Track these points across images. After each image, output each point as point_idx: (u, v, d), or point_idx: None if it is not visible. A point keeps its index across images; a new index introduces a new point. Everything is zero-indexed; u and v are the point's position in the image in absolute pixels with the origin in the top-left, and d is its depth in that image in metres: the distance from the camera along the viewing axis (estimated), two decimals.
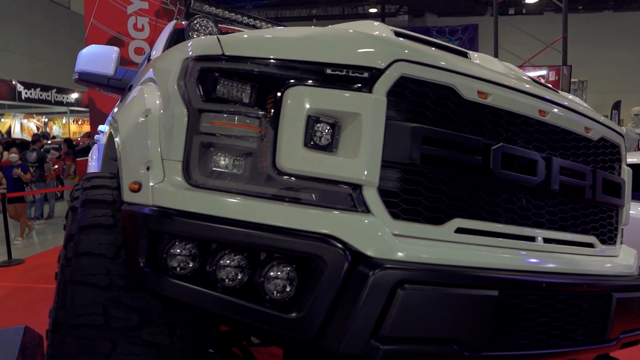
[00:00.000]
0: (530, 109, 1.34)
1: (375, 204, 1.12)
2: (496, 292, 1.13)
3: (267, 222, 1.08)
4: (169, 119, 1.23)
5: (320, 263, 1.04)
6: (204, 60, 1.21)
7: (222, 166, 1.16)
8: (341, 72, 1.14)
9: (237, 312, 1.08)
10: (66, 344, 1.20)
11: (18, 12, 16.33)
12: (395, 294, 1.03)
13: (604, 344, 1.41)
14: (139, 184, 1.20)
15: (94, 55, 2.48)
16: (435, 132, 1.17)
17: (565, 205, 1.44)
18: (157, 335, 1.25)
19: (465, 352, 1.11)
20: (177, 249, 1.11)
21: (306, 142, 1.11)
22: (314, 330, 1.03)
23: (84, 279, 1.24)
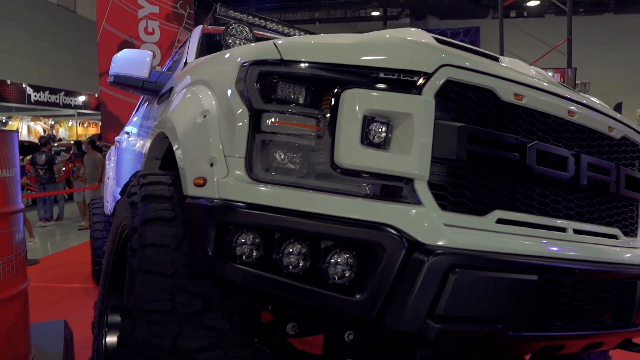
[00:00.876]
0: (560, 109, 1.45)
1: (425, 196, 1.22)
2: (536, 277, 1.24)
3: (328, 212, 1.18)
4: (229, 119, 1.33)
5: (379, 250, 1.14)
6: (263, 65, 1.31)
7: (282, 162, 1.26)
8: (393, 76, 1.25)
9: (302, 295, 1.18)
10: (137, 328, 1.30)
11: (24, 16, 16.45)
12: (448, 277, 1.14)
13: (629, 328, 1.51)
14: (204, 179, 1.31)
15: (128, 59, 2.58)
16: (479, 131, 1.28)
17: (592, 199, 1.55)
18: (218, 320, 1.35)
19: (509, 332, 1.21)
20: (243, 238, 1.22)
21: (362, 140, 1.21)
22: (374, 310, 1.13)
23: (151, 267, 1.34)
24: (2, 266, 1.79)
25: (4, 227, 1.82)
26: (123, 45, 8.09)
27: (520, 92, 1.37)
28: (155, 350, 1.28)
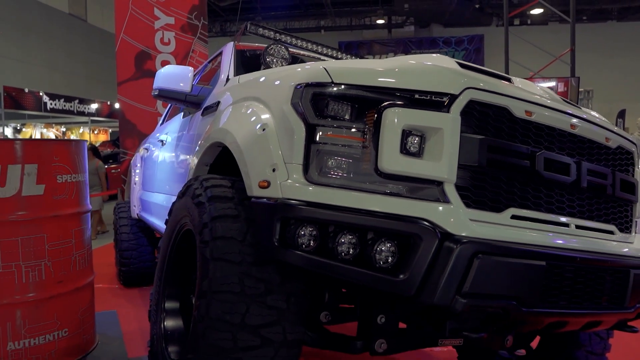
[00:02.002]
0: (563, 123, 1.72)
1: (453, 196, 1.48)
2: (544, 262, 1.50)
3: (374, 209, 1.44)
4: (287, 132, 1.60)
5: (417, 239, 1.40)
6: (316, 87, 1.58)
7: (334, 167, 1.52)
8: (426, 97, 1.52)
9: (353, 276, 1.44)
10: (212, 306, 1.56)
11: (39, 25, 16.90)
12: (473, 262, 1.40)
13: (623, 310, 1.76)
14: (268, 182, 1.57)
15: (171, 75, 2.85)
16: (496, 142, 1.55)
17: (591, 199, 1.81)
18: (278, 301, 1.62)
19: (523, 308, 1.47)
20: (303, 230, 1.48)
21: (401, 150, 1.48)
22: (414, 288, 1.39)
23: (222, 256, 1.61)
24: (78, 258, 2.06)
25: (78, 224, 2.09)
26: (140, 55, 8.41)
27: (530, 109, 1.64)
28: (227, 325, 1.55)
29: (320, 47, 3.35)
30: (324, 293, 2.03)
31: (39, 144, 1.92)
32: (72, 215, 2.03)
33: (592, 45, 23.00)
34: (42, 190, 1.91)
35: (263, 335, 1.58)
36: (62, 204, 1.97)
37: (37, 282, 1.89)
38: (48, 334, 1.92)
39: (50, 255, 1.92)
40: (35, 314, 1.90)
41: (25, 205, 1.88)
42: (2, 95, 11.61)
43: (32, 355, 1.89)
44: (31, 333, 1.88)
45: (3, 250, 1.83)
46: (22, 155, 1.86)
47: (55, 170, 1.95)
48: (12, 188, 1.85)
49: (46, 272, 1.91)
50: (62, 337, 1.97)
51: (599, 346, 2.55)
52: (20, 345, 1.86)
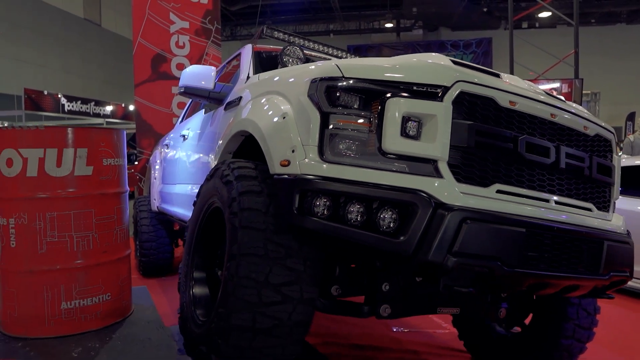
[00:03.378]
0: (544, 113, 1.97)
1: (446, 172, 1.75)
2: (524, 229, 1.75)
3: (379, 182, 1.71)
4: (304, 119, 1.87)
5: (415, 207, 1.66)
6: (329, 80, 1.85)
7: (344, 148, 1.79)
8: (423, 89, 1.79)
9: (360, 238, 1.70)
10: (241, 266, 1.84)
11: (55, 30, 17.39)
12: (462, 226, 1.66)
13: (598, 276, 2.01)
14: (288, 161, 1.85)
15: (196, 74, 3.13)
16: (483, 127, 1.81)
17: (570, 179, 2.06)
18: (296, 263, 1.89)
19: (505, 267, 1.72)
20: (318, 201, 1.75)
21: (401, 133, 1.75)
22: (412, 247, 1.65)
23: (249, 225, 1.88)
24: (119, 232, 2.35)
25: (118, 203, 2.37)
26: (156, 58, 8.75)
27: (514, 99, 1.90)
28: (253, 282, 1.82)
29: (330, 49, 3.63)
30: (335, 267, 2.30)
31: (89, 131, 2.20)
32: (115, 194, 2.31)
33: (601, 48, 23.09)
34: (90, 171, 2.20)
35: (283, 292, 1.85)
36: (107, 183, 2.26)
37: (85, 251, 2.17)
38: (94, 296, 2.20)
39: (96, 228, 2.21)
40: (84, 279, 2.18)
41: (77, 183, 2.16)
42: (23, 97, 12.08)
43: (81, 314, 2.17)
44: (81, 295, 2.17)
45: (58, 222, 2.12)
46: (75, 141, 2.16)
47: (101, 154, 2.24)
48: (66, 169, 2.13)
49: (93, 243, 2.19)
50: (105, 300, 2.25)
51: (587, 320, 2.78)
52: (71, 305, 2.15)
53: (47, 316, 2.12)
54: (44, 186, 2.11)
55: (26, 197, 2.11)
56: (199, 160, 3.36)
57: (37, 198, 2.11)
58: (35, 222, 2.09)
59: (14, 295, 2.15)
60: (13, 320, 2.16)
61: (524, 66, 12.38)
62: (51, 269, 2.11)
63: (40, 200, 2.11)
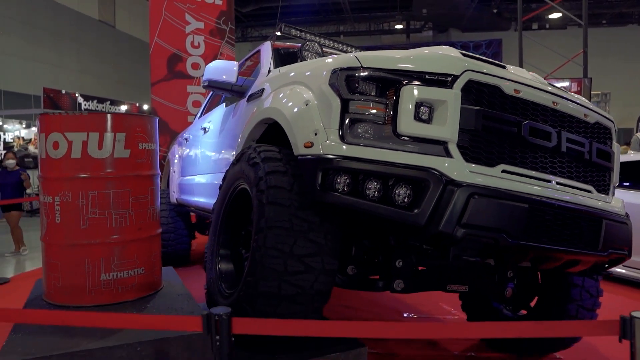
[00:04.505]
0: (546, 100, 2.14)
1: (455, 152, 1.92)
2: (527, 205, 1.92)
3: (395, 161, 1.88)
4: (326, 105, 2.05)
5: (427, 183, 1.84)
6: (348, 70, 2.03)
7: (362, 131, 1.97)
8: (434, 77, 1.96)
9: (378, 212, 1.88)
10: (268, 238, 2.02)
11: (71, 31, 17.76)
12: (470, 200, 1.83)
13: (597, 252, 2.17)
14: (311, 143, 2.03)
15: (219, 68, 3.33)
16: (490, 112, 1.98)
17: (571, 163, 2.22)
18: (318, 237, 2.06)
19: (509, 239, 1.89)
20: (339, 178, 1.92)
21: (415, 117, 1.92)
22: (424, 219, 1.82)
23: (275, 201, 2.06)
24: (151, 212, 2.55)
25: (152, 184, 2.56)
26: (172, 58, 8.99)
27: (518, 88, 2.07)
28: (279, 252, 2.00)
29: (344, 45, 3.82)
30: (351, 248, 2.47)
31: (127, 117, 2.40)
32: (148, 176, 2.51)
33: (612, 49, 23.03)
34: (128, 154, 2.39)
35: (307, 263, 2.03)
36: (142, 166, 2.45)
37: (123, 227, 2.37)
38: (130, 269, 2.40)
39: (132, 206, 2.40)
40: (121, 253, 2.38)
41: (115, 165, 2.36)
42: (42, 97, 12.41)
43: (118, 285, 2.37)
44: (118, 268, 2.36)
45: (99, 200, 2.31)
46: (114, 126, 2.36)
47: (137, 139, 2.43)
48: (107, 151, 2.33)
49: (129, 220, 2.39)
50: (140, 273, 2.44)
51: (590, 302, 2.93)
52: (110, 276, 2.34)
53: (88, 286, 2.31)
54: (87, 167, 2.31)
55: (71, 176, 2.32)
56: (222, 150, 3.55)
57: (80, 178, 2.31)
58: (78, 200, 2.29)
59: (57, 267, 2.35)
60: (57, 290, 2.36)
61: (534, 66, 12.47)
62: (92, 242, 2.31)
63: (83, 180, 2.31)
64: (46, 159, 2.37)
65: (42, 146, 2.39)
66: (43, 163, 2.40)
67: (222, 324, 1.48)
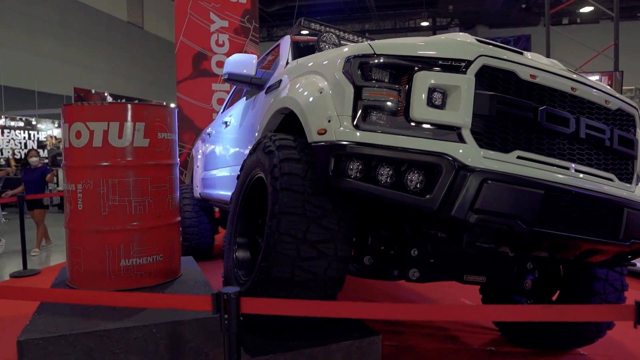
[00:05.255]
0: (564, 86, 2.09)
1: (468, 138, 1.90)
2: (542, 191, 1.88)
3: (408, 146, 1.87)
4: (340, 92, 2.05)
5: (440, 168, 1.82)
6: (362, 57, 2.03)
7: (375, 117, 1.97)
8: (448, 63, 1.94)
9: (390, 197, 1.87)
10: (282, 223, 2.04)
11: (100, 33, 18.24)
12: (483, 186, 1.80)
13: (617, 241, 2.10)
14: (325, 130, 2.04)
15: (239, 61, 3.38)
16: (504, 97, 1.95)
17: (591, 150, 2.17)
18: (330, 223, 2.07)
19: (524, 226, 1.86)
20: (351, 164, 1.93)
21: (427, 103, 1.91)
22: (436, 204, 1.81)
23: (289, 187, 2.08)
24: (170, 200, 2.60)
25: (170, 173, 2.62)
26: (197, 56, 9.13)
27: (534, 73, 2.03)
28: (292, 238, 2.02)
29: (361, 37, 3.81)
30: (367, 237, 2.47)
31: (146, 107, 2.46)
32: (167, 165, 2.57)
33: None
34: (147, 143, 2.45)
35: (319, 249, 2.04)
36: (161, 155, 2.51)
37: (142, 215, 2.43)
38: (149, 256, 2.46)
39: (151, 194, 2.46)
40: (140, 239, 2.44)
41: (135, 154, 2.42)
42: (73, 96, 12.80)
43: (137, 271, 2.43)
44: (138, 254, 2.42)
45: (119, 188, 2.38)
46: (134, 116, 2.42)
47: (156, 129, 2.49)
48: (126, 140, 2.40)
49: (149, 208, 2.45)
50: (158, 260, 2.50)
51: (614, 296, 2.85)
52: (129, 262, 2.41)
53: (109, 272, 2.38)
54: (108, 155, 2.38)
55: (92, 165, 2.39)
56: (241, 143, 3.60)
57: (101, 166, 2.38)
58: (99, 187, 2.36)
59: (80, 253, 2.43)
60: (79, 274, 2.44)
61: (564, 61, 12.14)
62: (112, 229, 2.38)
63: (104, 168, 2.37)
64: (69, 148, 2.45)
65: (65, 136, 2.47)
66: (67, 152, 2.49)
67: (231, 303, 1.50)
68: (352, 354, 2.16)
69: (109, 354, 1.88)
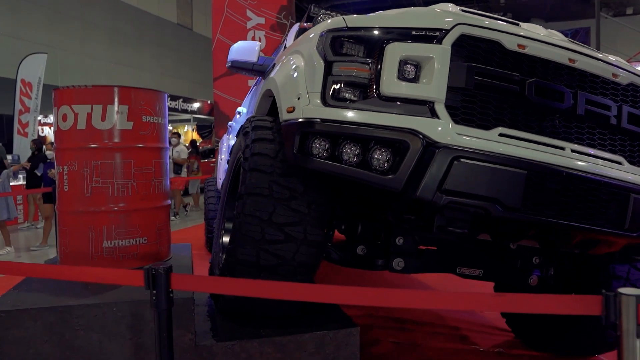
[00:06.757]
0: (560, 57, 1.87)
1: (442, 113, 1.73)
2: (525, 171, 1.69)
3: (374, 122, 1.74)
4: (311, 69, 1.95)
5: (406, 145, 1.68)
6: (334, 31, 1.91)
7: (345, 93, 1.84)
8: (422, 33, 1.79)
9: (355, 176, 1.74)
10: (247, 205, 1.96)
11: (151, 34, 18.93)
12: (453, 164, 1.64)
13: (623, 231, 1.86)
14: (293, 107, 1.94)
15: (242, 48, 3.34)
16: (483, 68, 1.77)
17: (593, 129, 1.93)
18: (300, 206, 1.97)
19: (503, 210, 1.67)
20: (317, 142, 1.81)
21: (398, 76, 1.76)
22: (402, 184, 1.67)
23: (257, 167, 2.00)
24: (157, 183, 2.58)
25: (157, 157, 2.60)
26: None
27: (523, 43, 1.83)
28: (258, 219, 1.93)
29: None
30: (358, 225, 2.35)
31: (130, 90, 2.46)
32: (153, 149, 2.55)
33: None
34: (131, 126, 2.45)
35: (287, 232, 1.94)
36: (146, 138, 2.50)
37: (125, 197, 2.42)
38: (132, 238, 2.45)
39: (135, 177, 2.45)
40: (123, 221, 2.44)
41: (119, 136, 2.42)
42: None
43: (120, 253, 2.42)
44: (120, 236, 2.42)
45: (102, 169, 2.39)
46: (117, 98, 2.42)
47: (141, 112, 2.48)
48: (109, 123, 2.40)
49: (132, 190, 2.44)
50: (142, 243, 2.48)
51: None
52: (112, 244, 2.41)
53: (91, 253, 2.39)
54: (91, 138, 2.40)
55: (77, 147, 2.41)
56: None
57: (85, 148, 2.39)
58: (83, 169, 2.38)
59: (66, 234, 2.46)
60: (66, 255, 2.47)
61: (625, 55, 11.32)
62: (95, 210, 2.39)
63: (87, 150, 2.39)
64: (58, 131, 2.49)
65: (54, 119, 2.50)
66: (55, 135, 2.53)
67: (159, 278, 1.44)
68: (325, 346, 2.05)
69: (69, 330, 1.87)
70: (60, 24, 14.85)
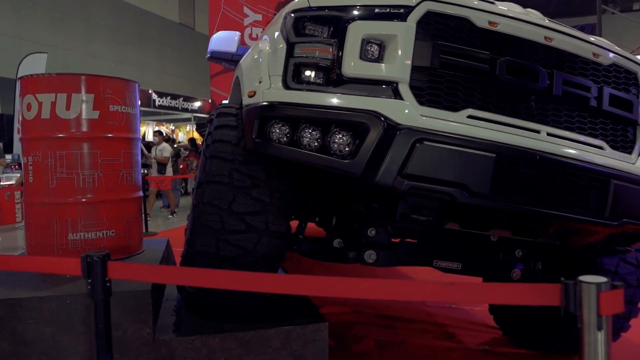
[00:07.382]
0: (535, 35, 1.77)
1: (406, 94, 1.64)
2: (494, 154, 1.59)
3: (335, 105, 1.64)
4: (274, 52, 1.86)
5: (366, 127, 1.58)
6: (297, 12, 1.82)
7: (307, 75, 1.75)
8: (385, 10, 1.69)
9: (314, 161, 1.65)
10: (206, 193, 1.87)
11: (153, 34, 18.93)
12: (415, 147, 1.54)
13: (602, 220, 1.75)
14: (254, 92, 1.85)
15: (221, 39, 3.27)
16: (450, 47, 1.67)
17: (571, 111, 1.82)
18: (262, 194, 1.88)
19: (469, 196, 1.57)
20: (276, 127, 1.72)
21: (361, 56, 1.67)
22: (361, 169, 1.57)
23: (217, 155, 1.91)
24: (125, 175, 2.50)
25: (126, 147, 2.52)
26: None
27: (494, 20, 1.73)
28: (216, 209, 1.85)
29: None
30: (332, 218, 2.26)
31: (95, 78, 2.38)
32: (121, 139, 2.47)
33: None
34: (97, 115, 2.37)
35: (248, 222, 1.85)
36: (113, 128, 2.42)
37: (91, 188, 2.35)
38: (98, 231, 2.37)
39: (102, 168, 2.37)
40: (89, 213, 2.36)
41: (84, 125, 2.34)
42: None
43: (85, 246, 2.35)
44: (85, 228, 2.34)
45: (67, 160, 2.31)
46: (82, 87, 2.34)
47: (108, 101, 2.40)
48: (75, 112, 2.32)
49: (98, 181, 2.36)
50: (109, 236, 2.41)
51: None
52: (77, 236, 2.33)
53: (56, 245, 2.32)
54: (55, 127, 2.32)
55: (41, 137, 2.34)
56: None
57: (49, 138, 2.32)
58: (47, 160, 2.30)
59: (31, 226, 2.38)
60: (32, 248, 2.40)
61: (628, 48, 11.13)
62: (60, 202, 2.31)
63: (51, 140, 2.31)
64: (22, 120, 2.42)
65: (20, 108, 2.43)
66: (21, 125, 2.45)
67: (94, 267, 1.35)
68: (292, 341, 1.95)
69: (21, 324, 1.80)
70: (62, 24, 14.88)
